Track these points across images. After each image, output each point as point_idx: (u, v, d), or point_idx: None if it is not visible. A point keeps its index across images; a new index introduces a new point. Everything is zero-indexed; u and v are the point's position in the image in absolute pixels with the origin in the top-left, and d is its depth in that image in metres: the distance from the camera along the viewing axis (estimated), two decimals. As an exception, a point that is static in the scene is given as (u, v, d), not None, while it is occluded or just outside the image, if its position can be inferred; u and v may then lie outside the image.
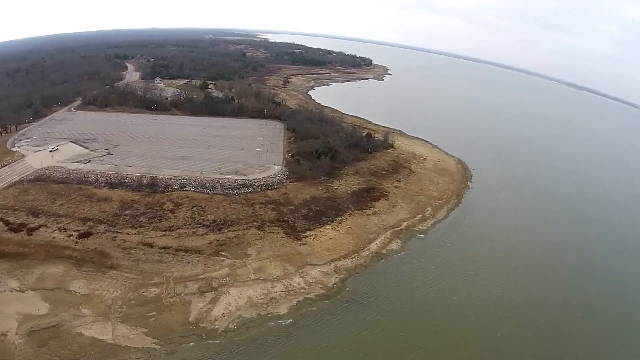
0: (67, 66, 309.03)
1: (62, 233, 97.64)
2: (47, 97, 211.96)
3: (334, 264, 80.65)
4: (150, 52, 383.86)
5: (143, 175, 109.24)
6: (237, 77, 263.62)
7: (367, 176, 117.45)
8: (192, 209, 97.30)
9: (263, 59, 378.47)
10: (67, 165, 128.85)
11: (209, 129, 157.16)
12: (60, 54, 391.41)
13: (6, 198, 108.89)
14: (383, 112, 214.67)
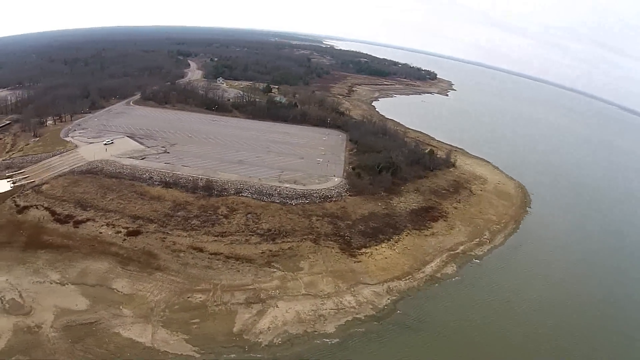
0: (128, 59, 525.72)
1: (110, 229, 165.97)
2: (106, 89, 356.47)
3: (387, 285, 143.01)
4: (214, 51, 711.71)
5: (199, 176, 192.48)
6: (301, 82, 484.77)
7: (427, 195, 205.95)
8: (247, 215, 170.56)
9: (328, 66, 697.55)
10: (121, 160, 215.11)
11: (269, 135, 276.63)
12: (121, 47, 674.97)
13: (55, 188, 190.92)
14: (446, 128, 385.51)
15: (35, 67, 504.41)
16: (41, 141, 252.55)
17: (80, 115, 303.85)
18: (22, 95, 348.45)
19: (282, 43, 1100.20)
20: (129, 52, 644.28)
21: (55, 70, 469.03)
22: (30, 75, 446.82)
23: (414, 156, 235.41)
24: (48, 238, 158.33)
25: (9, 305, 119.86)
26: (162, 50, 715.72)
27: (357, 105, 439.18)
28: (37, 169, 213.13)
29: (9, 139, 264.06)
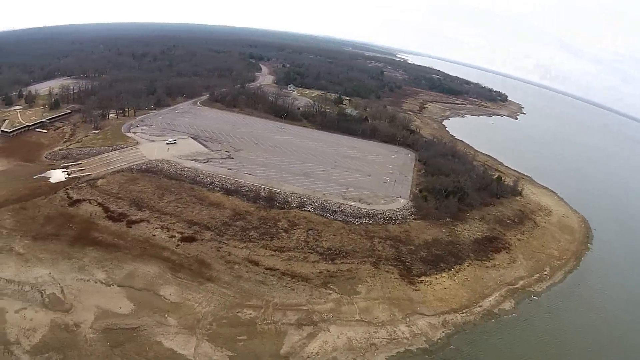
0: (198, 59, 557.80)
1: (163, 232, 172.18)
2: (173, 87, 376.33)
3: (443, 317, 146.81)
4: (286, 57, 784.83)
5: (262, 186, 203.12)
6: (373, 96, 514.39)
7: (492, 224, 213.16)
8: (308, 232, 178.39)
9: (401, 81, 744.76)
10: (182, 161, 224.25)
11: (338, 148, 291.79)
12: (192, 45, 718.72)
13: (111, 184, 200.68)
14: (514, 153, 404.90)
15: (102, 58, 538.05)
16: (101, 134, 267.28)
17: (145, 111, 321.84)
18: (86, 86, 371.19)
19: (355, 54, 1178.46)
20: (199, 51, 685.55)
21: (122, 64, 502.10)
22: (96, 66, 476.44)
23: (481, 182, 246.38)
24: (98, 235, 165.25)
25: (48, 300, 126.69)
26: (233, 51, 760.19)
27: (428, 123, 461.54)
28: (95, 162, 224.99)
29: (68, 129, 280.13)
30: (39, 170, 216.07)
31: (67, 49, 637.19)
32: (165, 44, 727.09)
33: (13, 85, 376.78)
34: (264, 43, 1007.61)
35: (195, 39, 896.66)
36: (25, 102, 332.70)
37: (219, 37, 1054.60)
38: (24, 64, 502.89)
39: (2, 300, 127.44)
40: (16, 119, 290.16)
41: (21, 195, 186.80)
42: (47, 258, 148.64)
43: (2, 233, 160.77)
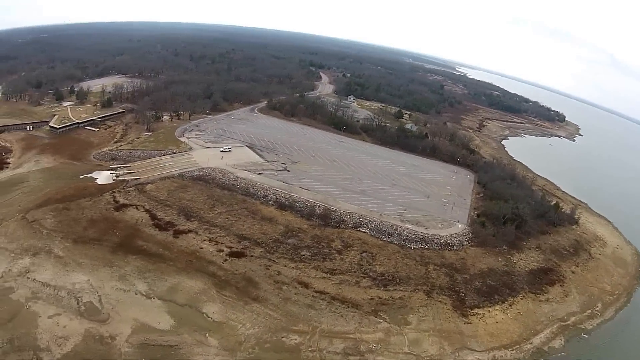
0: (257, 64, 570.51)
1: (211, 245, 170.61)
2: (230, 92, 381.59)
3: (493, 354, 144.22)
4: (347, 66, 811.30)
5: (317, 202, 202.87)
6: (433, 111, 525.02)
7: (548, 254, 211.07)
8: (362, 254, 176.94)
9: (461, 96, 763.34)
10: (236, 171, 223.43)
11: (397, 165, 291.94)
12: (251, 49, 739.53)
13: (160, 190, 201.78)
14: (571, 177, 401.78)
15: (158, 58, 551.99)
16: (153, 137, 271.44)
17: (200, 115, 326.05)
18: (141, 86, 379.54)
19: (416, 66, 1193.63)
20: (258, 56, 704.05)
21: (179, 65, 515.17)
22: (152, 65, 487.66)
23: (540, 209, 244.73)
24: (142, 243, 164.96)
25: (84, 308, 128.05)
26: (293, 58, 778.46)
27: (487, 142, 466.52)
28: (145, 166, 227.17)
29: (119, 129, 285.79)
30: (86, 170, 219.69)
31: (124, 46, 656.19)
32: (224, 47, 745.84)
33: (65, 80, 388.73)
34: (324, 51, 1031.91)
35: (254, 44, 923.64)
36: (77, 98, 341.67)
37: (279, 42, 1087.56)
38: (77, 59, 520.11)
39: (36, 304, 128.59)
40: (66, 115, 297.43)
41: (65, 194, 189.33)
42: (87, 264, 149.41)
43: (42, 233, 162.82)
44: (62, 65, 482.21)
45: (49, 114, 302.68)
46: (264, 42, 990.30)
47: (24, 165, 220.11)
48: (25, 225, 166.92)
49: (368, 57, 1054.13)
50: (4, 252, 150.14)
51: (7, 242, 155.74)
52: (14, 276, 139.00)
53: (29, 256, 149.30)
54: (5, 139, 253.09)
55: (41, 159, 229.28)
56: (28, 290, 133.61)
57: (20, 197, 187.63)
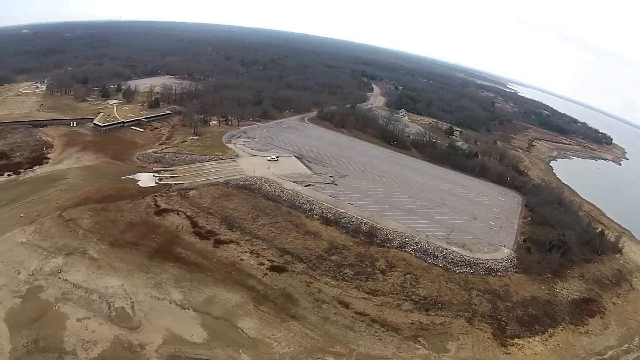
0: (309, 72, 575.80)
1: (252, 258, 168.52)
2: (280, 99, 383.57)
3: None
4: (399, 79, 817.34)
5: (364, 219, 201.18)
6: (483, 128, 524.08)
7: (590, 283, 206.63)
8: (405, 276, 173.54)
9: (511, 114, 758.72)
10: (283, 182, 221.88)
11: (446, 184, 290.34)
12: (303, 57, 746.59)
13: (203, 197, 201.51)
14: (615, 203, 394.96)
15: (209, 60, 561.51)
16: (200, 141, 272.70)
17: (248, 122, 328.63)
18: (189, 88, 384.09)
19: (467, 81, 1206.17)
20: (310, 64, 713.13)
21: (229, 69, 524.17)
22: (202, 68, 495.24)
23: (585, 236, 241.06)
24: (181, 251, 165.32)
25: (115, 314, 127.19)
26: (345, 67, 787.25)
27: (536, 163, 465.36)
28: (189, 170, 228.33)
29: (165, 130, 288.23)
30: (129, 171, 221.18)
31: (174, 46, 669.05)
32: (276, 53, 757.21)
33: (112, 78, 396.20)
34: (377, 62, 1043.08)
35: (307, 51, 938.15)
36: (123, 97, 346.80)
37: (332, 50, 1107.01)
38: (126, 57, 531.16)
39: (66, 306, 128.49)
40: (111, 114, 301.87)
41: (105, 195, 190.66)
42: (121, 268, 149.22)
43: (77, 233, 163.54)
44: (110, 62, 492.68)
45: (93, 111, 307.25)
46: (317, 50, 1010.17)
47: (64, 162, 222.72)
48: (61, 223, 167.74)
49: (420, 70, 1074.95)
50: (37, 249, 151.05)
51: (40, 239, 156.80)
52: (45, 275, 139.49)
53: (62, 256, 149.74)
54: (47, 134, 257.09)
55: (82, 156, 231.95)
56: (58, 291, 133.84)
57: (58, 194, 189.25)
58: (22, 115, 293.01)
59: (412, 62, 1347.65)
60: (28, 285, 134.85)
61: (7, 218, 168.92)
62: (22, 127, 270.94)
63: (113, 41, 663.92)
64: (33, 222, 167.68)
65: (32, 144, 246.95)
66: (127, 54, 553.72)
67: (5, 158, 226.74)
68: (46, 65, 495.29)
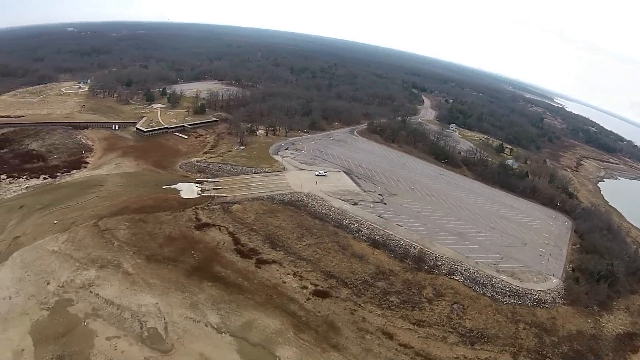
0: (359, 82, 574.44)
1: (295, 281, 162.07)
2: (330, 110, 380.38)
3: None
4: (449, 91, 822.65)
5: (412, 243, 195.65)
6: (533, 146, 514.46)
7: (635, 316, 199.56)
8: (453, 305, 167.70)
9: (559, 130, 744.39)
10: (330, 199, 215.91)
11: (496, 206, 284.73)
12: (353, 66, 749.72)
13: (247, 212, 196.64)
14: None
15: (258, 66, 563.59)
16: (246, 151, 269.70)
17: (297, 133, 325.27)
18: (237, 94, 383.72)
19: (516, 95, 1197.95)
20: (360, 73, 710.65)
21: (278, 76, 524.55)
22: (250, 74, 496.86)
23: (633, 265, 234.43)
24: (221, 270, 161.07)
25: (147, 334, 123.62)
26: (396, 78, 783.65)
27: (584, 184, 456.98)
28: (233, 182, 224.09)
29: (210, 138, 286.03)
30: (170, 180, 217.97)
31: (222, 51, 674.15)
32: (326, 61, 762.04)
33: (157, 81, 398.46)
34: (427, 72, 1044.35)
35: (357, 60, 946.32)
36: (168, 101, 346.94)
37: (382, 59, 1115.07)
38: (173, 60, 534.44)
39: (95, 322, 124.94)
40: (155, 118, 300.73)
41: (144, 205, 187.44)
42: (157, 285, 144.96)
43: (112, 244, 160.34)
44: (156, 64, 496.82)
45: (136, 115, 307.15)
46: (367, 59, 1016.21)
47: (103, 167, 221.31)
48: (96, 233, 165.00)
49: (470, 82, 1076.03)
50: (69, 259, 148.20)
51: (73, 249, 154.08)
52: (76, 288, 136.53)
53: (95, 268, 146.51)
54: (87, 136, 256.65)
55: (123, 162, 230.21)
56: (88, 306, 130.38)
57: (95, 201, 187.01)
58: (63, 116, 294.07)
59: (460, 73, 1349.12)
60: (57, 298, 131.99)
61: (40, 224, 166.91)
62: (62, 128, 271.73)
63: (160, 43, 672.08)
64: (67, 230, 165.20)
65: (71, 146, 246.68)
66: (174, 57, 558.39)
67: (41, 160, 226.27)
68: (90, 65, 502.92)
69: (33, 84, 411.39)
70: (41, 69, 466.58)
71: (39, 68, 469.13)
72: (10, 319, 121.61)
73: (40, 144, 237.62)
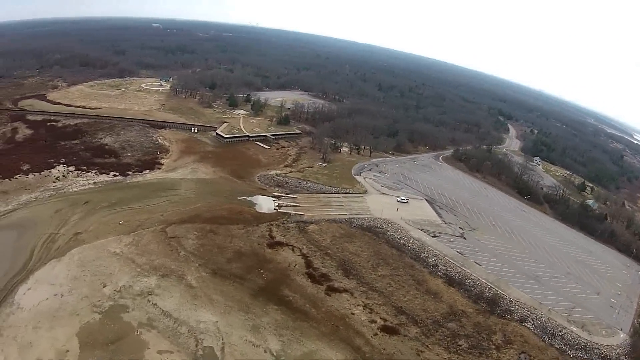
0: (447, 105, 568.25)
1: (365, 313, 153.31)
2: (416, 132, 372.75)
3: None
4: (534, 120, 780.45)
5: (488, 284, 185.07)
6: (613, 185, 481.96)
7: None
8: (520, 355, 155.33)
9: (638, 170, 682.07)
10: (410, 228, 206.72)
11: (574, 249, 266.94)
12: (441, 87, 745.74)
13: (323, 234, 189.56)
14: None
15: (345, 80, 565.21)
16: (328, 169, 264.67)
17: (381, 154, 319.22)
18: (323, 108, 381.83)
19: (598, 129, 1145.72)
20: (448, 95, 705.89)
21: (366, 92, 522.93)
22: (337, 88, 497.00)
23: None
24: (289, 294, 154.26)
25: (201, 353, 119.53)
26: (482, 103, 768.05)
27: None
28: (312, 201, 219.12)
29: (292, 151, 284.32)
30: (246, 192, 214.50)
31: (310, 61, 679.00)
32: (413, 79, 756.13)
33: (242, 86, 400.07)
34: (513, 99, 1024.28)
35: (444, 80, 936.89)
36: (252, 108, 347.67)
37: (469, 82, 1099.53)
38: (259, 66, 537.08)
39: (149, 333, 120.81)
40: (236, 125, 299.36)
41: (217, 215, 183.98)
42: (220, 302, 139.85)
43: (178, 254, 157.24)
44: (241, 69, 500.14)
45: (217, 120, 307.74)
46: (455, 80, 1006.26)
47: (178, 170, 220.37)
48: (163, 239, 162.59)
49: (553, 112, 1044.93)
50: (130, 264, 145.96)
51: (136, 253, 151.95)
52: (134, 294, 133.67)
53: (156, 276, 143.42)
54: (164, 136, 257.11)
55: (199, 167, 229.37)
56: (144, 315, 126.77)
57: (165, 205, 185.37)
58: (141, 113, 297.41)
59: (543, 101, 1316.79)
60: (111, 302, 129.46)
61: (104, 222, 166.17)
62: (139, 125, 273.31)
63: (247, 47, 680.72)
64: (132, 232, 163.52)
65: (146, 145, 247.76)
66: (260, 62, 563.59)
67: (113, 156, 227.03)
68: (173, 63, 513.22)
69: (112, 77, 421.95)
70: (122, 62, 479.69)
71: (120, 61, 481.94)
72: (59, 318, 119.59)
73: (114, 139, 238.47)
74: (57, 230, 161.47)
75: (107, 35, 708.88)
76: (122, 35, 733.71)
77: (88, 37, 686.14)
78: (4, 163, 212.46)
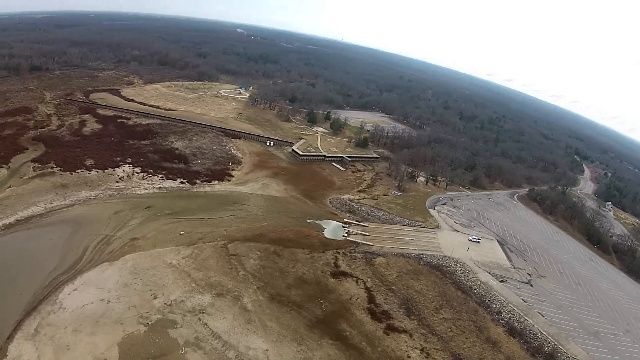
0: (526, 139, 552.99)
1: (421, 357, 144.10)
2: (493, 167, 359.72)
3: None
4: (608, 162, 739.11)
5: (548, 337, 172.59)
6: None
7: None
8: None
9: None
10: (478, 270, 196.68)
11: (635, 305, 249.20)
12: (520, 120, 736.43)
13: (390, 268, 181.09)
14: None
15: (427, 106, 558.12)
16: (402, 199, 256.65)
17: (457, 187, 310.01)
18: (402, 133, 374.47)
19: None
20: (527, 130, 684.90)
21: (447, 121, 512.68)
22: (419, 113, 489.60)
23: None
24: (346, 329, 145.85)
25: None
26: (559, 140, 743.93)
27: None
28: (382, 231, 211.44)
29: (368, 176, 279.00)
30: (317, 215, 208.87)
31: (393, 83, 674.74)
32: (495, 111, 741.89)
33: (323, 103, 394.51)
34: (589, 137, 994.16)
35: (524, 114, 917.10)
36: (331, 127, 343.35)
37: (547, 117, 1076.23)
38: (342, 83, 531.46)
39: (195, 354, 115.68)
40: (313, 143, 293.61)
41: (283, 237, 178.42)
42: (273, 329, 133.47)
43: (237, 273, 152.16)
44: (324, 85, 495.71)
45: (295, 135, 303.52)
46: (534, 115, 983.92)
47: (248, 184, 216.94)
48: (223, 256, 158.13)
49: (627, 155, 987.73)
50: (185, 278, 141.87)
51: (193, 267, 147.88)
52: (184, 311, 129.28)
53: (211, 294, 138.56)
54: (238, 147, 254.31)
55: (271, 183, 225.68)
56: (192, 333, 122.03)
57: (230, 220, 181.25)
58: (216, 119, 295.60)
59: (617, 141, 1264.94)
60: (160, 315, 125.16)
61: (164, 231, 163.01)
62: (213, 132, 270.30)
63: (331, 62, 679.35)
64: (192, 244, 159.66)
65: (219, 154, 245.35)
66: (344, 79, 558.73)
67: (183, 162, 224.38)
68: (255, 71, 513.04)
69: (191, 79, 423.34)
70: (202, 65, 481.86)
71: (201, 64, 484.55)
72: (102, 324, 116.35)
73: (185, 144, 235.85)
74: (113, 233, 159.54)
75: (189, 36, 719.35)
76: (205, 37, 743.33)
77: (169, 36, 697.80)
78: (68, 155, 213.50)
